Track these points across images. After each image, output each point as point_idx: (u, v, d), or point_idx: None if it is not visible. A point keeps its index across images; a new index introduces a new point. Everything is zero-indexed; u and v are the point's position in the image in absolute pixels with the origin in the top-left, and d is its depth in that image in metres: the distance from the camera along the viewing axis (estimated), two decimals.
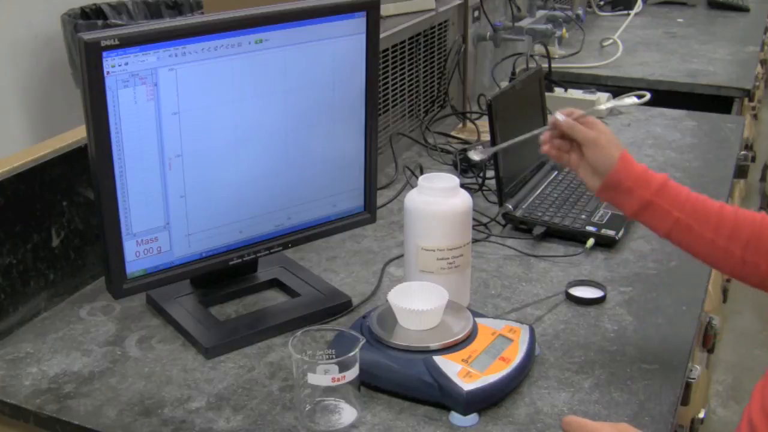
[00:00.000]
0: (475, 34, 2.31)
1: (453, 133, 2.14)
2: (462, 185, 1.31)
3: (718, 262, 1.20)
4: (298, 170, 1.32)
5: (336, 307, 1.35)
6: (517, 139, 1.33)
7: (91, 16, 2.93)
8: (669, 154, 2.04)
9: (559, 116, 1.22)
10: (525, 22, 2.51)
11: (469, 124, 2.18)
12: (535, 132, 1.27)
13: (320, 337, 1.20)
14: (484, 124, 2.04)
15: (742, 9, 3.66)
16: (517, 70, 2.27)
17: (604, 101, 2.29)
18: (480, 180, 1.80)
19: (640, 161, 1.99)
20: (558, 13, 2.77)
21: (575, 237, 1.57)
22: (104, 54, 1.08)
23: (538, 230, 1.59)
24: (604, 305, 1.37)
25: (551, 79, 2.31)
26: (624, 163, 1.20)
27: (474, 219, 1.52)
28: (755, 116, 3.19)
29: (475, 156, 1.33)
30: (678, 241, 1.20)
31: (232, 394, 1.16)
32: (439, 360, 1.11)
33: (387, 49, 1.88)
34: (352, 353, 1.07)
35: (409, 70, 2.02)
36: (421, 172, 1.82)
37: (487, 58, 2.47)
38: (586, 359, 1.23)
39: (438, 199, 1.27)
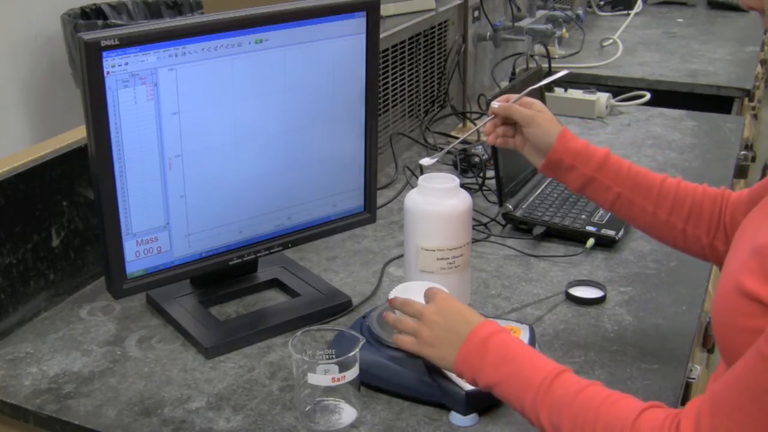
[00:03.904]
0: (475, 34, 2.31)
1: (453, 133, 2.14)
2: (462, 185, 1.31)
3: (661, 235, 1.25)
4: (298, 170, 1.32)
5: (336, 307, 1.35)
6: (463, 137, 1.42)
7: (91, 16, 2.93)
8: (669, 154, 2.04)
9: (496, 104, 1.28)
10: (525, 22, 2.51)
11: (469, 124, 2.18)
12: (479, 126, 1.32)
13: (320, 337, 1.20)
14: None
15: (742, 9, 3.65)
16: (517, 70, 2.27)
17: (603, 101, 2.29)
18: (480, 180, 1.80)
19: (640, 161, 2.01)
20: (558, 13, 2.77)
21: (575, 237, 1.57)
22: (104, 54, 1.08)
23: (538, 230, 1.59)
24: (604, 305, 1.37)
25: None
26: (563, 140, 1.24)
27: (474, 219, 1.52)
28: (755, 116, 3.18)
29: (426, 161, 1.32)
30: (622, 214, 1.26)
31: (232, 394, 1.16)
32: None
33: (387, 49, 1.88)
34: (352, 353, 1.07)
35: (409, 70, 2.02)
36: (421, 172, 1.82)
37: (487, 58, 2.47)
38: (586, 359, 1.23)
39: (438, 199, 1.27)
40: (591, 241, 1.55)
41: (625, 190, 1.22)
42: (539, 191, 1.74)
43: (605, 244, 1.56)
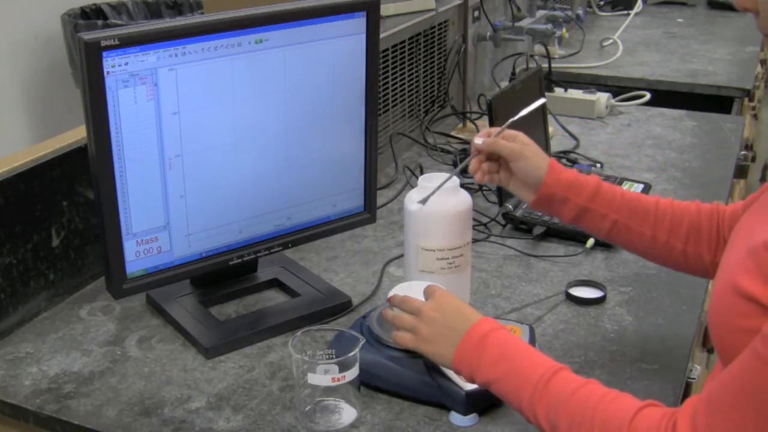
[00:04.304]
0: (475, 34, 2.31)
1: (453, 133, 2.14)
2: (462, 185, 1.31)
3: (662, 258, 1.23)
4: (298, 170, 1.32)
5: (336, 307, 1.35)
6: (448, 177, 1.26)
7: (91, 16, 2.93)
8: (669, 154, 2.04)
9: (478, 140, 1.23)
10: (525, 22, 2.51)
11: (469, 124, 2.18)
12: (462, 165, 1.26)
13: (320, 337, 1.20)
14: (484, 124, 2.05)
15: None
16: (517, 70, 2.27)
17: (603, 101, 2.29)
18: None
19: (640, 161, 2.01)
20: (558, 13, 2.77)
21: (575, 237, 1.57)
22: (104, 54, 1.08)
23: (538, 230, 1.59)
24: (604, 305, 1.37)
25: (551, 79, 2.31)
26: (553, 172, 1.21)
27: (474, 219, 1.52)
28: (755, 116, 3.18)
29: (415, 202, 1.26)
30: (619, 241, 1.23)
31: (232, 394, 1.16)
32: None
33: (387, 49, 1.88)
34: (352, 353, 1.07)
35: (409, 70, 2.02)
36: (421, 172, 1.82)
37: (487, 58, 2.47)
38: (586, 359, 1.23)
39: (438, 199, 1.27)
40: (591, 241, 1.55)
41: (621, 217, 1.20)
42: None
43: (605, 244, 1.55)
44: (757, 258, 0.84)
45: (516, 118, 1.27)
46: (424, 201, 1.23)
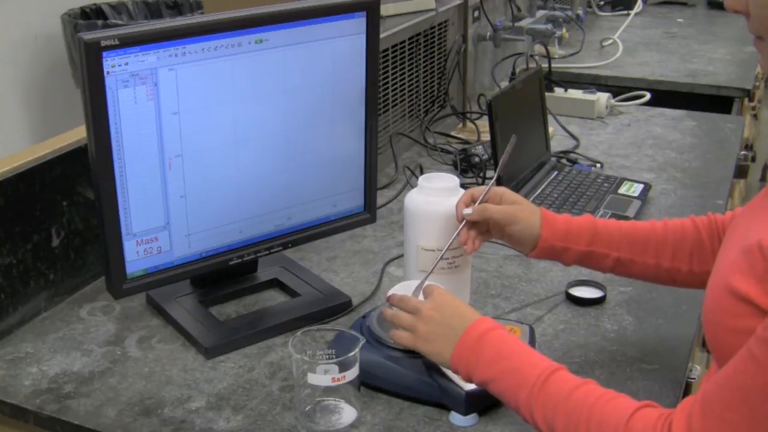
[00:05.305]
0: (475, 34, 2.31)
1: (453, 133, 2.14)
2: (462, 185, 1.31)
3: (665, 281, 1.23)
4: (298, 170, 1.32)
5: (336, 307, 1.35)
6: (439, 258, 1.21)
7: (91, 16, 2.93)
8: (669, 154, 2.04)
9: (468, 210, 1.21)
10: (525, 22, 2.51)
11: (469, 124, 2.18)
12: (454, 236, 1.21)
13: (320, 337, 1.20)
14: (484, 124, 2.05)
15: None
16: (517, 70, 2.27)
17: (603, 101, 2.29)
18: (480, 180, 1.80)
19: (640, 161, 2.01)
20: (558, 13, 2.77)
21: None
22: (104, 54, 1.08)
23: None
24: (604, 305, 1.37)
25: (551, 79, 2.31)
26: (548, 226, 1.20)
27: None
28: (755, 116, 3.18)
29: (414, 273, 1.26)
30: (624, 275, 1.24)
31: (232, 394, 1.16)
32: None
33: (387, 49, 1.88)
34: (352, 353, 1.07)
35: (409, 70, 2.02)
36: (421, 172, 1.82)
37: (487, 58, 2.47)
38: (586, 359, 1.23)
39: (438, 199, 1.27)
40: None
41: (623, 253, 1.20)
42: (539, 191, 1.73)
43: None
44: (751, 258, 0.84)
45: (496, 175, 1.28)
46: (416, 291, 1.17)
